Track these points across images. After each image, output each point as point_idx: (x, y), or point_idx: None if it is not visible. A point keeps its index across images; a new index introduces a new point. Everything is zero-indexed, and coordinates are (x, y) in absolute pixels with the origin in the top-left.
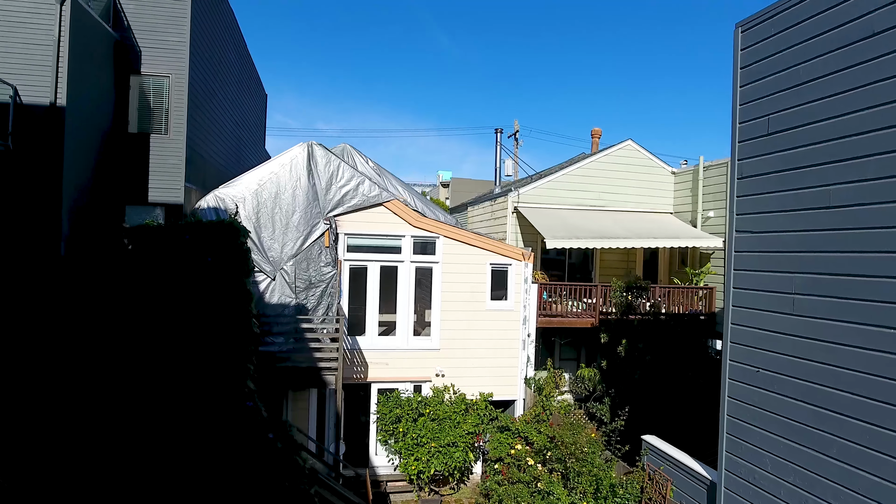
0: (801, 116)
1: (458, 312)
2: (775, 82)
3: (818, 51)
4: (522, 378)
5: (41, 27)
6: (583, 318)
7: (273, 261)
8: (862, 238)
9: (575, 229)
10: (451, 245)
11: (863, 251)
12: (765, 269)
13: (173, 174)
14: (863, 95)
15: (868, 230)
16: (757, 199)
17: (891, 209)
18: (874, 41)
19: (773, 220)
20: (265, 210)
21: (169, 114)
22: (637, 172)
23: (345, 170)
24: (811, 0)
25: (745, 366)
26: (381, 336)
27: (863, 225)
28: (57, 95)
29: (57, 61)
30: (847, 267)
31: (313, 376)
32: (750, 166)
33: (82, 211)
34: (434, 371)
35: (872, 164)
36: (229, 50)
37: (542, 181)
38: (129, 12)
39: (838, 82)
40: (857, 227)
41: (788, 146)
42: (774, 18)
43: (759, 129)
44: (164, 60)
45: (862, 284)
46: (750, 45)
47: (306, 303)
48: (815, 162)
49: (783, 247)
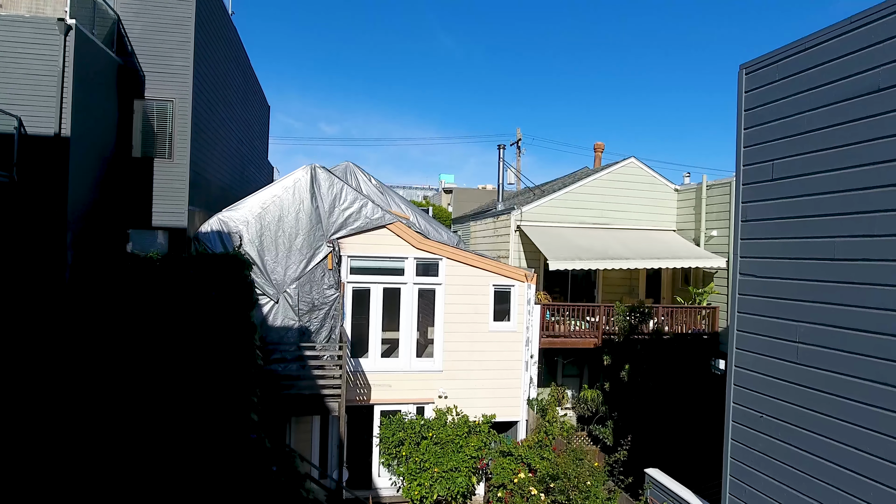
0: (806, 165)
1: (461, 334)
2: (780, 128)
3: (823, 100)
4: (525, 399)
5: (45, 57)
6: (586, 339)
7: (276, 283)
8: (868, 294)
9: (578, 249)
10: (454, 266)
11: (869, 307)
12: (769, 314)
13: (177, 198)
14: (868, 151)
15: (874, 286)
16: (761, 243)
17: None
18: (879, 97)
19: (778, 266)
20: (268, 233)
21: (173, 138)
22: (640, 190)
23: (348, 192)
24: (816, 49)
25: (749, 410)
26: (384, 358)
27: (869, 281)
28: (61, 126)
29: (61, 92)
30: (852, 321)
31: (317, 403)
32: (754, 210)
33: (86, 236)
34: (437, 393)
35: (879, 221)
36: (232, 67)
37: (544, 199)
38: (133, 37)
39: (843, 135)
40: (862, 283)
41: (793, 194)
42: (779, 64)
43: (764, 173)
44: (168, 85)
45: (867, 340)
46: (754, 87)
47: (309, 325)
48: (820, 213)
49: (788, 294)
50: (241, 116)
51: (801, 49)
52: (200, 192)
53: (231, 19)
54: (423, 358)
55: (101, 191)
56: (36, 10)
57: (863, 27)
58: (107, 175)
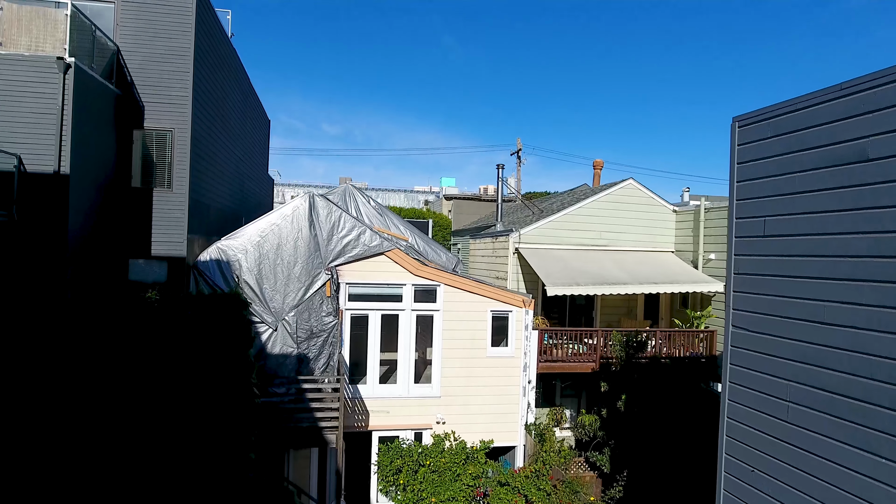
0: (797, 225)
1: (459, 360)
2: (772, 185)
3: (815, 163)
4: (523, 424)
5: (45, 95)
6: (584, 363)
7: (275, 311)
8: (858, 363)
9: (576, 274)
10: (452, 293)
11: (859, 376)
12: (761, 370)
13: (176, 228)
14: (855, 219)
15: (862, 355)
16: (753, 298)
17: (890, 340)
18: (868, 166)
19: (769, 322)
20: (267, 262)
21: (172, 167)
22: (638, 211)
23: (346, 220)
24: (807, 111)
25: (740, 462)
26: (382, 384)
27: (860, 349)
28: (61, 164)
29: (60, 129)
30: (844, 389)
31: (315, 436)
32: (746, 264)
33: (86, 268)
34: (435, 418)
35: (867, 290)
36: (232, 89)
37: (542, 221)
38: (133, 67)
39: (833, 200)
40: (853, 351)
41: (784, 253)
42: (772, 121)
43: (756, 228)
44: (168, 114)
45: (858, 409)
46: (747, 142)
47: (308, 352)
48: (811, 275)
49: (778, 352)
50: (240, 136)
51: (794, 109)
52: (200, 219)
53: (231, 41)
54: (422, 384)
55: (101, 221)
56: (36, 47)
57: (853, 95)
58: (106, 205)
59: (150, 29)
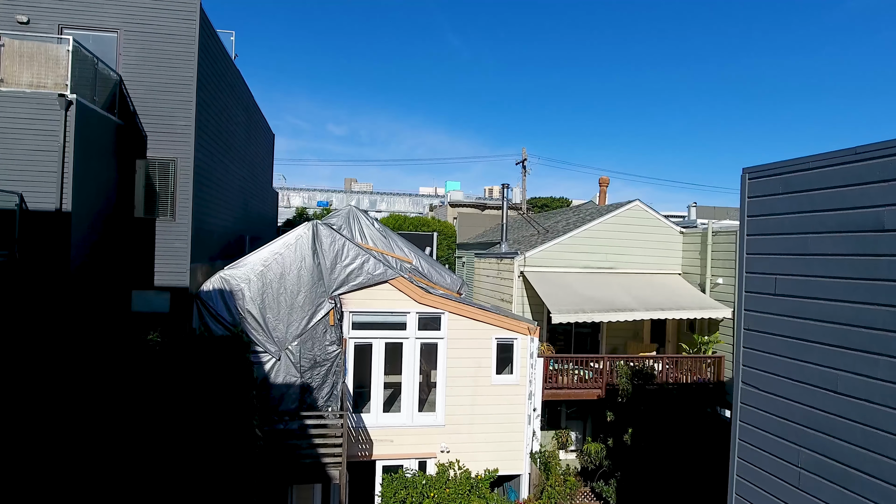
0: (809, 288)
1: (464, 387)
2: (784, 243)
3: (828, 226)
4: (528, 453)
5: (46, 132)
6: (589, 390)
7: (278, 340)
8: (871, 437)
9: (581, 300)
10: (457, 320)
11: (872, 451)
12: (772, 431)
13: (179, 258)
14: (873, 290)
15: (877, 430)
16: (763, 356)
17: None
18: (885, 237)
19: (780, 384)
20: (270, 291)
21: (175, 197)
22: (645, 233)
23: (349, 248)
24: (819, 171)
25: None
26: (386, 413)
27: (871, 423)
28: (62, 201)
29: (62, 166)
30: (857, 463)
31: (318, 471)
32: (756, 321)
33: (88, 302)
34: (439, 447)
35: (883, 364)
36: (236, 110)
37: (547, 244)
38: (136, 97)
39: (847, 267)
40: (864, 424)
41: (795, 314)
42: (783, 177)
43: (766, 285)
44: (171, 144)
45: (870, 485)
46: (758, 195)
47: (311, 382)
48: (823, 341)
49: (789, 415)
50: (244, 156)
51: (805, 168)
52: (203, 246)
53: (234, 62)
54: (426, 412)
55: (103, 253)
56: (37, 83)
57: (867, 161)
58: (109, 237)
59: (152, 58)
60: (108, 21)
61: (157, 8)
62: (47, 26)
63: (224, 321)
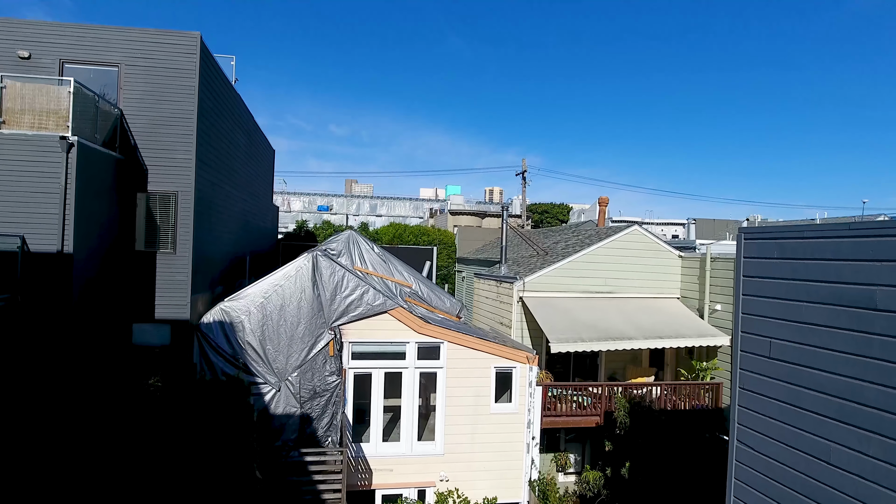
0: (803, 356)
1: (463, 416)
2: (779, 308)
3: (822, 297)
4: (527, 481)
5: (48, 174)
6: (588, 417)
7: (278, 371)
8: None
9: (580, 328)
10: (455, 350)
11: None
12: (767, 493)
13: (180, 290)
14: (868, 367)
15: None
16: (758, 418)
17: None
18: (878, 317)
19: (774, 447)
20: (270, 323)
21: (176, 230)
22: (643, 257)
23: (349, 280)
24: (814, 242)
25: None
26: (385, 442)
27: (864, 500)
28: (64, 242)
29: (63, 208)
30: None
31: None
32: (751, 381)
33: (89, 337)
34: (438, 476)
35: (876, 443)
36: (237, 134)
37: (546, 269)
38: (136, 131)
39: (841, 340)
40: (857, 499)
41: (790, 380)
42: (779, 242)
43: (762, 347)
44: (171, 177)
45: None
46: (754, 256)
47: (311, 412)
48: (817, 411)
49: (784, 480)
50: (245, 179)
51: (800, 236)
52: (203, 275)
53: (234, 88)
54: (425, 441)
55: (104, 288)
56: (38, 125)
57: (861, 238)
58: (109, 271)
59: (153, 92)
60: (110, 56)
61: (158, 42)
62: (49, 62)
63: (224, 353)
